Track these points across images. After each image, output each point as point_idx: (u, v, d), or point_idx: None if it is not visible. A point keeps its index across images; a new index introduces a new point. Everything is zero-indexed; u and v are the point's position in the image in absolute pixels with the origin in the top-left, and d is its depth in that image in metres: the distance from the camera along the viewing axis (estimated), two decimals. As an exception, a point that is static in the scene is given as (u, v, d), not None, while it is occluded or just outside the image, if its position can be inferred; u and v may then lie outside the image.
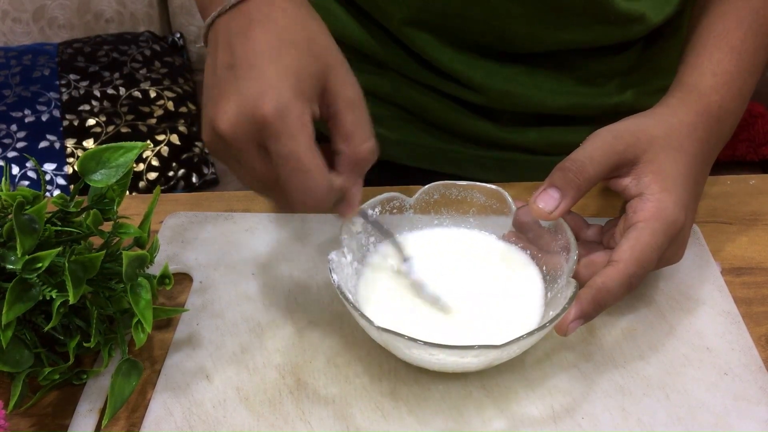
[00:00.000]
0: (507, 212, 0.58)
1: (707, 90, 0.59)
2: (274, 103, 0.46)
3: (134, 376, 0.51)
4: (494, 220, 0.59)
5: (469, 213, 0.59)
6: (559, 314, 0.48)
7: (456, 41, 0.72)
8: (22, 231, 0.47)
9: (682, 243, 0.55)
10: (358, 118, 0.49)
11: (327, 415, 0.51)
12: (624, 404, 0.51)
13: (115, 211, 0.54)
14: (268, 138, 0.46)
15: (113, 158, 0.52)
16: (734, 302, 0.58)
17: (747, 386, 0.52)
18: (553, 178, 0.53)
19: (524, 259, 0.57)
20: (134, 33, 1.78)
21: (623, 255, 0.51)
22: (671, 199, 0.52)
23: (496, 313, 0.54)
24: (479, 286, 0.56)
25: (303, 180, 0.47)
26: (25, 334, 0.50)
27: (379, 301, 0.55)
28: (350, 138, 0.49)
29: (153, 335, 0.58)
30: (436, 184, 0.59)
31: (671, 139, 0.55)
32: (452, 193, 0.59)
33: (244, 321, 0.58)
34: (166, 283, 0.53)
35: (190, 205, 0.71)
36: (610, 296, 0.50)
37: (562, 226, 0.54)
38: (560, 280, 0.53)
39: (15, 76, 1.63)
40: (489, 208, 0.59)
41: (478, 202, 0.59)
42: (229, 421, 0.51)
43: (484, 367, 0.51)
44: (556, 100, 0.75)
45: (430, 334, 0.49)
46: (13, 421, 0.52)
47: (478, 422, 0.50)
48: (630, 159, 0.54)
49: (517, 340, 0.47)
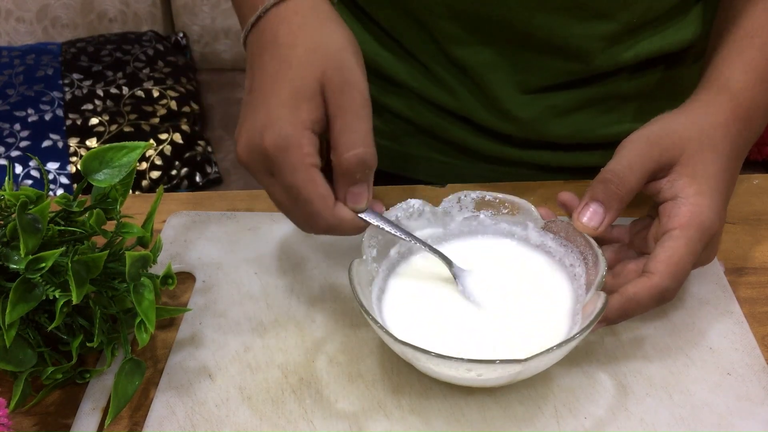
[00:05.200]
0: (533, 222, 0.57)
1: (738, 88, 0.57)
2: (274, 137, 0.48)
3: (137, 376, 0.51)
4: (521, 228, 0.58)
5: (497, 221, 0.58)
6: (586, 328, 0.47)
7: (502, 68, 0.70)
8: (25, 231, 0.47)
9: (714, 246, 0.54)
10: (346, 124, 0.49)
11: (330, 414, 0.51)
12: (627, 404, 0.51)
13: (118, 211, 0.54)
14: (272, 169, 0.49)
15: (116, 158, 0.52)
16: (737, 302, 0.58)
17: (750, 386, 0.52)
18: (595, 192, 0.52)
19: (554, 266, 0.56)
20: (137, 32, 1.78)
21: (659, 267, 0.49)
22: (706, 203, 0.51)
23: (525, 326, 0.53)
24: (511, 294, 0.55)
25: (306, 209, 0.49)
26: (29, 334, 0.50)
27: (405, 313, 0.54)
28: (336, 146, 0.49)
29: (156, 334, 0.58)
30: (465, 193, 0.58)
31: (705, 141, 0.53)
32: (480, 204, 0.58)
33: (246, 320, 0.58)
34: (169, 282, 0.53)
35: (193, 204, 0.71)
36: (639, 308, 0.50)
37: (589, 240, 0.53)
38: (588, 292, 0.52)
39: (18, 76, 1.64)
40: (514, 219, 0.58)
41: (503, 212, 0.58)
42: (232, 420, 0.51)
43: (506, 382, 0.50)
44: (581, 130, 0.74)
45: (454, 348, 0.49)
46: (16, 419, 0.52)
47: (480, 422, 0.50)
48: (666, 163, 0.52)
49: (540, 354, 0.46)
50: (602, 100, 0.73)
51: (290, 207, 0.51)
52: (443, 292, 0.55)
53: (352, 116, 0.49)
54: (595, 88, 0.72)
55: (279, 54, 0.51)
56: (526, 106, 0.72)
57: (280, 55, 0.51)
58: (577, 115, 0.73)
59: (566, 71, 0.69)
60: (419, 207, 0.57)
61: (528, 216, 0.57)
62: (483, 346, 0.51)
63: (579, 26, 0.66)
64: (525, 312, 0.53)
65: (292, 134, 0.48)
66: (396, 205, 0.56)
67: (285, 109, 0.48)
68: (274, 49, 0.51)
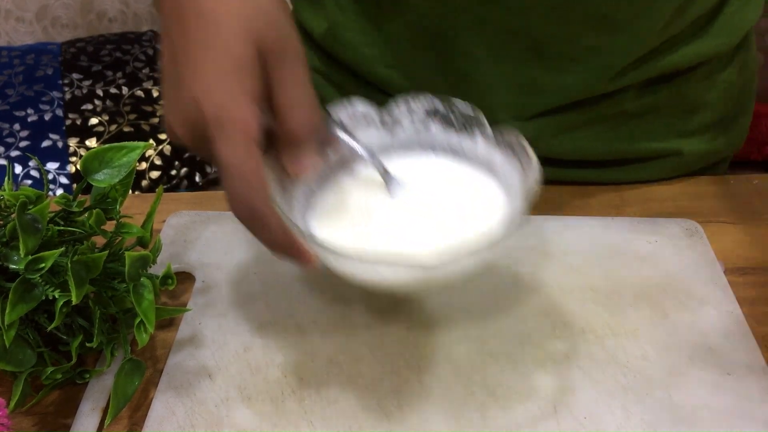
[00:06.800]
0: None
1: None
2: (214, 108, 0.43)
3: (137, 376, 0.51)
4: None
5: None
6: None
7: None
8: (25, 231, 0.47)
9: None
10: (294, 93, 0.45)
11: (329, 414, 0.51)
12: (626, 404, 0.51)
13: (118, 211, 0.54)
14: (208, 143, 0.44)
15: (116, 158, 0.52)
16: (737, 302, 0.58)
17: (750, 386, 0.52)
18: None
19: (494, 180, 0.54)
20: (137, 32, 1.78)
21: None
22: None
23: (454, 233, 0.51)
24: (444, 206, 0.53)
25: (240, 187, 0.43)
26: (28, 334, 0.50)
27: (330, 219, 0.52)
28: (284, 116, 0.45)
29: (155, 335, 0.58)
30: (415, 100, 0.55)
31: None
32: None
33: (246, 320, 0.58)
34: (169, 283, 0.53)
35: (193, 204, 0.71)
36: None
37: (527, 148, 0.51)
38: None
39: (18, 76, 1.64)
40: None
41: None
42: (232, 421, 0.51)
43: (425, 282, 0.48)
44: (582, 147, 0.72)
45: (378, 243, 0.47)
46: (15, 420, 0.52)
47: (480, 421, 0.50)
48: None
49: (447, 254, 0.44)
50: (606, 118, 0.71)
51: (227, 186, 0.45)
52: (374, 201, 0.53)
53: (296, 83, 0.46)
54: (601, 107, 0.70)
55: (204, 17, 0.45)
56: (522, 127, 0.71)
57: (206, 18, 0.45)
58: (578, 133, 0.72)
59: (575, 90, 0.68)
60: (365, 112, 0.55)
61: (479, 127, 0.55)
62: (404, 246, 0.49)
63: (597, 38, 0.64)
64: (455, 222, 0.52)
65: (234, 106, 0.43)
66: (339, 104, 0.54)
67: (223, 78, 0.44)
68: (196, 11, 0.45)
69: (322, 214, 0.53)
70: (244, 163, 0.43)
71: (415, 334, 0.56)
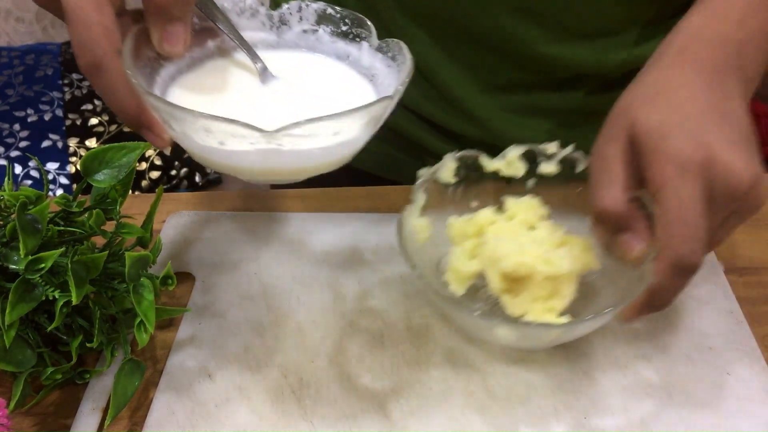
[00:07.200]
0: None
1: (691, 24, 0.51)
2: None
3: (137, 376, 0.51)
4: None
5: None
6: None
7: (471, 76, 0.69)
8: (25, 231, 0.47)
9: (742, 166, 0.44)
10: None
11: (329, 414, 0.51)
12: (626, 404, 0.51)
13: (118, 211, 0.54)
14: None
15: (116, 158, 0.52)
16: (737, 302, 0.58)
17: (750, 387, 0.52)
18: (605, 228, 0.48)
19: (371, 87, 0.52)
20: (137, 32, 1.78)
21: (662, 240, 0.44)
22: (672, 140, 0.44)
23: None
24: (312, 100, 0.50)
25: (82, 34, 0.41)
26: (28, 334, 0.50)
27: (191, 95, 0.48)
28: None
29: (155, 335, 0.58)
30: (308, 3, 0.53)
31: (649, 92, 0.48)
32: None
33: (246, 320, 0.58)
34: (169, 283, 0.53)
35: (193, 204, 0.71)
36: (667, 292, 0.46)
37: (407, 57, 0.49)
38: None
39: (18, 76, 1.64)
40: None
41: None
42: (232, 421, 0.51)
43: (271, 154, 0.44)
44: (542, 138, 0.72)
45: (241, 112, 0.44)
46: (15, 420, 0.52)
47: (480, 422, 0.50)
48: (626, 140, 0.47)
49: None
50: (565, 112, 0.72)
51: None
52: (241, 84, 0.50)
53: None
54: (555, 97, 0.71)
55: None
56: (484, 105, 0.71)
57: None
58: (538, 121, 0.72)
59: (518, 75, 0.68)
60: (252, 5, 0.53)
61: (366, 35, 0.53)
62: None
63: (525, 30, 0.65)
64: (317, 110, 0.48)
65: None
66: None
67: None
68: None
69: (181, 89, 0.48)
70: (89, 11, 0.40)
71: (415, 333, 0.56)
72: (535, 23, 0.65)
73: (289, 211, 0.68)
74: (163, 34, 0.43)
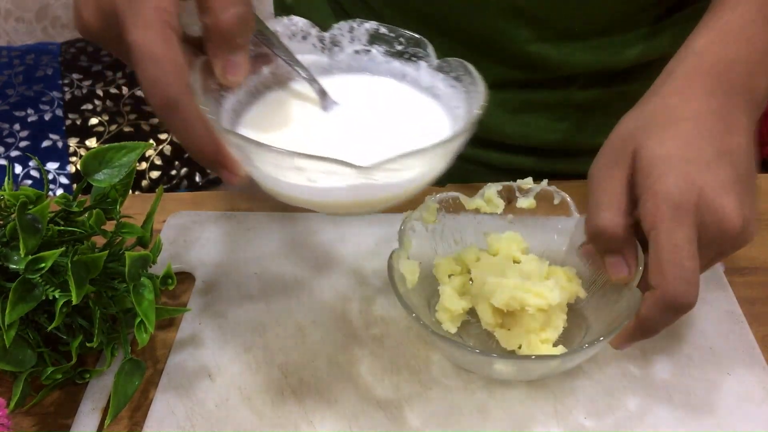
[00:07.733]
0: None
1: (701, 45, 0.51)
2: None
3: (137, 376, 0.51)
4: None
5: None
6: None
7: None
8: (25, 231, 0.47)
9: (727, 216, 0.45)
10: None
11: (329, 414, 0.51)
12: (627, 404, 0.51)
13: (118, 211, 0.54)
14: (119, 28, 0.40)
15: (116, 158, 0.52)
16: (737, 302, 0.58)
17: (750, 387, 0.52)
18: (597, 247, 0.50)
19: (438, 107, 0.51)
20: (137, 32, 1.78)
21: (655, 279, 0.45)
22: (670, 179, 0.45)
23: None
24: (381, 129, 0.49)
25: (153, 71, 0.39)
26: (28, 334, 0.50)
27: (260, 131, 0.47)
28: (209, 7, 0.41)
29: (155, 335, 0.58)
30: (359, 22, 0.52)
31: (655, 120, 0.48)
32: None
33: (246, 320, 0.58)
34: (169, 283, 0.53)
35: (193, 204, 0.71)
36: (657, 324, 0.47)
37: (471, 71, 0.48)
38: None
39: (18, 76, 1.64)
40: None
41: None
42: (232, 421, 0.51)
43: (354, 191, 0.43)
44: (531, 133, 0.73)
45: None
46: (15, 419, 0.52)
47: (480, 422, 0.50)
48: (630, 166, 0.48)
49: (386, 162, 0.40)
50: (554, 106, 0.72)
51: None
52: (308, 115, 0.49)
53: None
54: (545, 93, 0.71)
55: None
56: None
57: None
58: (527, 116, 0.72)
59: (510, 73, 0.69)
60: (304, 27, 0.52)
61: (423, 55, 0.52)
62: None
63: (514, 30, 0.65)
64: (395, 138, 0.48)
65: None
66: (277, 17, 0.50)
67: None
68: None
69: (251, 125, 0.47)
70: (158, 47, 0.39)
71: (415, 333, 0.56)
72: (524, 23, 0.65)
73: (290, 212, 0.68)
74: (226, 64, 0.42)
